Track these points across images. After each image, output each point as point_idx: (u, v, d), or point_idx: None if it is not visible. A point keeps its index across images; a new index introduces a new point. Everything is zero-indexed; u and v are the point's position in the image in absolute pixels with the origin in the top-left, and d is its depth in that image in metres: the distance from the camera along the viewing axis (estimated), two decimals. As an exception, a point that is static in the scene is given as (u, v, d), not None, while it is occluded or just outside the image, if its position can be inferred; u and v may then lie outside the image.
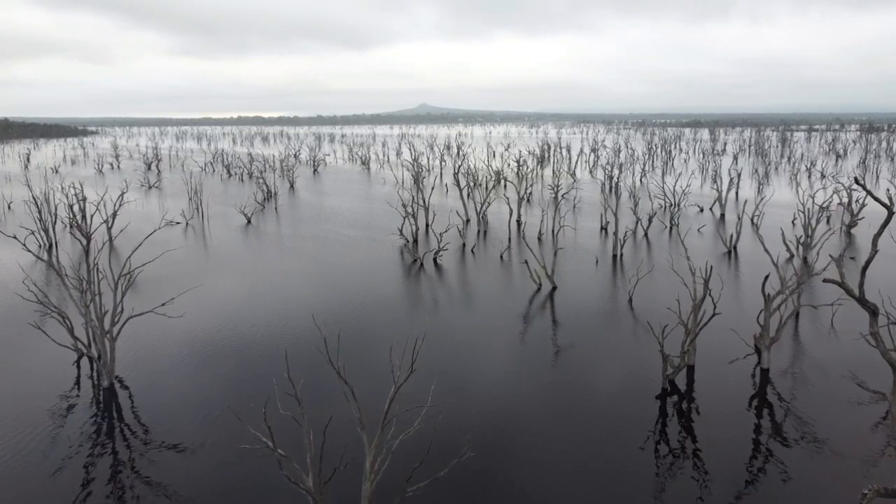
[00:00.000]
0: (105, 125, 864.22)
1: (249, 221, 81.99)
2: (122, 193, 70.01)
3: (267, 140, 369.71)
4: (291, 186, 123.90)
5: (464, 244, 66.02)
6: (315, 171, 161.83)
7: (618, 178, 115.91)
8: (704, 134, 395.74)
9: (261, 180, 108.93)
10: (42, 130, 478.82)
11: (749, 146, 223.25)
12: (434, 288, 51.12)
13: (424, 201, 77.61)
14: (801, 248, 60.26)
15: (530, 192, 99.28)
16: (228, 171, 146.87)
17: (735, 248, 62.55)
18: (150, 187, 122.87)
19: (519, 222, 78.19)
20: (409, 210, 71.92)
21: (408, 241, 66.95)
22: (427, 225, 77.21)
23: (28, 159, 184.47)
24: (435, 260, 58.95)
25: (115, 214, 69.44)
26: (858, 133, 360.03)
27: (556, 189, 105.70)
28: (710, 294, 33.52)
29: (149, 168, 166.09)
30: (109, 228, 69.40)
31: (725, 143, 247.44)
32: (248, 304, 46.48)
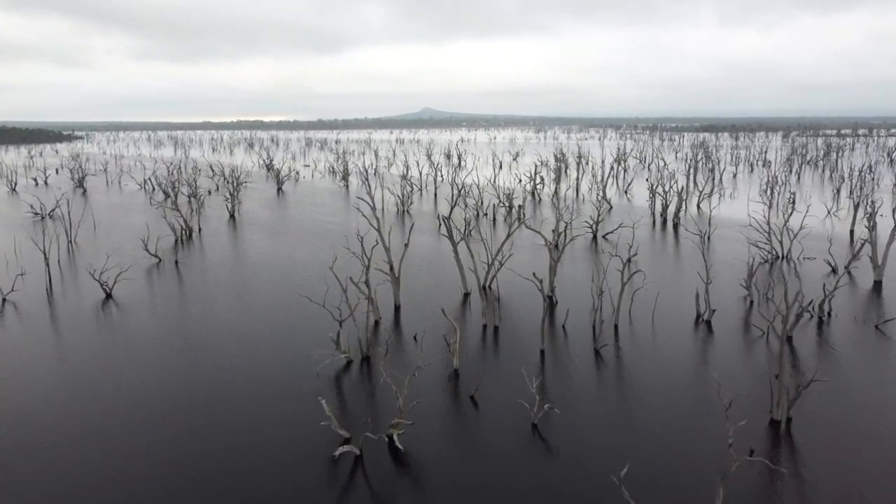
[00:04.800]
0: (99, 129, 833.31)
1: (109, 296, 50.46)
2: None
3: (252, 146, 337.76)
4: (231, 216, 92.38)
5: (455, 374, 34.27)
6: (280, 189, 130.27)
7: (678, 208, 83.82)
8: (725, 139, 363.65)
9: (177, 212, 77.36)
10: (23, 135, 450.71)
11: (800, 155, 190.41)
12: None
13: (394, 268, 46.10)
14: None
15: (560, 233, 67.66)
16: (165, 193, 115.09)
17: None
18: (42, 217, 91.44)
19: (552, 301, 46.45)
20: (365, 289, 40.59)
21: (339, 382, 35.27)
22: (396, 308, 45.73)
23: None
24: (391, 441, 27.16)
25: None
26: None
27: (594, 226, 74.01)
28: None
29: (78, 185, 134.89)
30: None
31: (765, 151, 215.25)
32: None
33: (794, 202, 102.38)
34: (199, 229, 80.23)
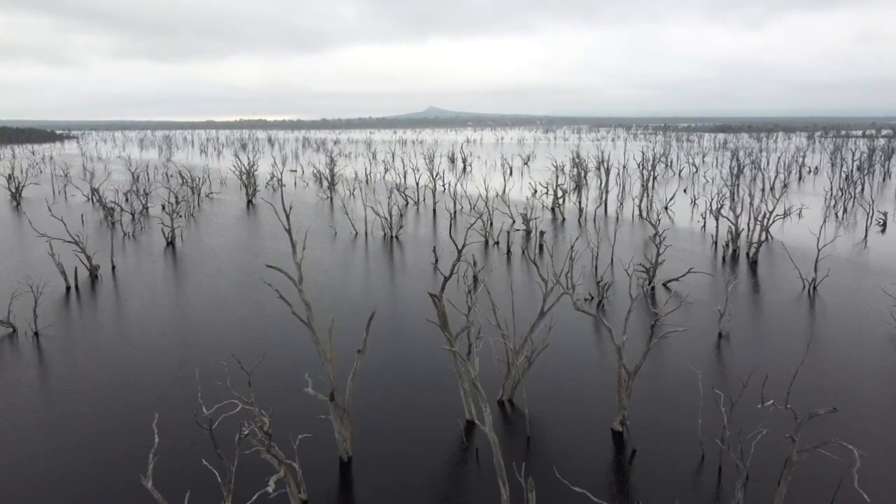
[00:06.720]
0: (99, 129, 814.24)
1: None
2: None
3: (244, 147, 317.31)
4: (170, 244, 71.90)
5: None
6: (250, 202, 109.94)
7: (757, 238, 62.62)
8: (745, 141, 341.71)
9: (82, 253, 56.77)
10: (10, 135, 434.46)
11: (854, 160, 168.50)
12: None
13: (335, 397, 25.55)
14: None
15: (606, 286, 47.03)
16: (108, 213, 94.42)
17: None
18: (-72, 246, 71.24)
19: (623, 440, 25.74)
20: (278, 457, 20.05)
21: None
22: (343, 465, 25.21)
23: None
24: None
25: None
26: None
27: (651, 270, 53.05)
28: None
29: (13, 197, 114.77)
30: None
31: (804, 155, 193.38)
32: None
33: (884, 224, 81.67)
34: (114, 267, 59.81)
